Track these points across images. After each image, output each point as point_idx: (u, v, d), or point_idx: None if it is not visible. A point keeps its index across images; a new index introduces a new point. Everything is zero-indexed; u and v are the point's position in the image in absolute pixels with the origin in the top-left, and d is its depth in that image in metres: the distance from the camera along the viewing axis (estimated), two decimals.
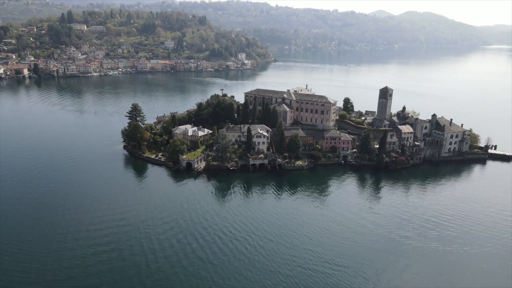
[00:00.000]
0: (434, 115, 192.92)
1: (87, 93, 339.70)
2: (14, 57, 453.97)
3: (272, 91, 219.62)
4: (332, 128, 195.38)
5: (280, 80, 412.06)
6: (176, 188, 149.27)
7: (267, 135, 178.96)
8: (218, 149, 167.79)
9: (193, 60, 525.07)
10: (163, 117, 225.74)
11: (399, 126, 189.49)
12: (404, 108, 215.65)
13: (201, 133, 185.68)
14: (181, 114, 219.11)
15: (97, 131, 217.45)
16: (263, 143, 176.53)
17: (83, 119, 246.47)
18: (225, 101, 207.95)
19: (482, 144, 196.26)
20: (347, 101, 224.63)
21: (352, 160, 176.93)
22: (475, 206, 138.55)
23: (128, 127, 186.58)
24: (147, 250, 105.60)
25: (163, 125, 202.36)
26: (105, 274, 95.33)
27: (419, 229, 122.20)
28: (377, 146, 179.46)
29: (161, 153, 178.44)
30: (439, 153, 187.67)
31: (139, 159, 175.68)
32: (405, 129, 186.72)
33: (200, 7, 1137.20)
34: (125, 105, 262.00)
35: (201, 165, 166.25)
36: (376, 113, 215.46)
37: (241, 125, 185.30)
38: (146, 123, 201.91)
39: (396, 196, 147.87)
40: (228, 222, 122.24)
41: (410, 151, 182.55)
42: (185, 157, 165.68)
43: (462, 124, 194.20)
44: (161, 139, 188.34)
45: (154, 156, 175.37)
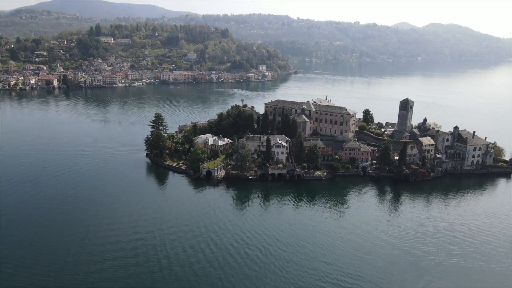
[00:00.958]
0: (456, 127, 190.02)
1: (112, 103, 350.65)
2: (45, 68, 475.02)
3: (291, 102, 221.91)
4: (351, 139, 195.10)
5: (300, 92, 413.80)
6: (196, 196, 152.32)
7: (286, 145, 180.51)
8: (237, 158, 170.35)
9: (214, 72, 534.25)
10: (184, 126, 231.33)
11: (419, 138, 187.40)
12: (425, 120, 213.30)
13: (221, 142, 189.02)
14: (202, 123, 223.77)
15: (120, 139, 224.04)
16: (282, 153, 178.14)
17: (108, 128, 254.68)
18: (245, 111, 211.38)
19: (507, 157, 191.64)
20: (366, 113, 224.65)
21: (371, 172, 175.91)
22: (500, 222, 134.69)
23: (151, 135, 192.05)
24: (160, 255, 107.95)
25: (185, 134, 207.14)
26: (120, 279, 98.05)
27: (442, 244, 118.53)
28: (397, 157, 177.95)
29: (182, 161, 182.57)
30: (461, 166, 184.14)
31: (161, 166, 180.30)
32: (426, 141, 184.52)
33: (222, 20, 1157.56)
34: (148, 115, 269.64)
35: (221, 173, 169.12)
36: (396, 125, 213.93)
37: (261, 135, 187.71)
38: (168, 132, 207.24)
39: (416, 209, 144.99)
40: (241, 230, 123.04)
41: (431, 164, 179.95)
42: (206, 165, 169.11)
43: (486, 137, 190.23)
44: (182, 148, 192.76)
45: (175, 164, 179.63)
